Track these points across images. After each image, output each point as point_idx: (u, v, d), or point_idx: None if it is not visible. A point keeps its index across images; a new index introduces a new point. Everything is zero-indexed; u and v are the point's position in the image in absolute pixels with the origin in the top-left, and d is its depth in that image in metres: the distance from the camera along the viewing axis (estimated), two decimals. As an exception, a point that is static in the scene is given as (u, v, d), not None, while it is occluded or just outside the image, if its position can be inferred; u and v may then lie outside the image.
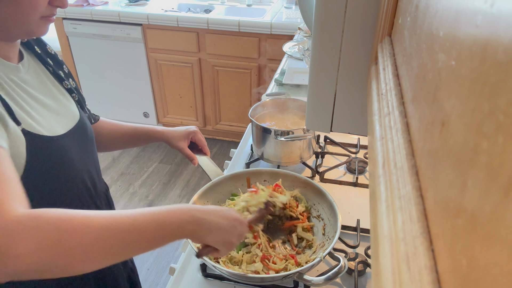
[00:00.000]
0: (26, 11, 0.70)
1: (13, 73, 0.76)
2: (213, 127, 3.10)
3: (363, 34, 0.56)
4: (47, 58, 0.88)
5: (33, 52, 0.86)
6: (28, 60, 0.83)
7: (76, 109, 0.90)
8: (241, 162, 1.34)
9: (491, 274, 0.13)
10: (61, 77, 0.89)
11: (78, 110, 0.90)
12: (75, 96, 0.92)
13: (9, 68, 0.76)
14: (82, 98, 0.96)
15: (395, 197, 0.26)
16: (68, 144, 0.81)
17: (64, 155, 0.80)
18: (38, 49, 0.86)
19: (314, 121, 0.66)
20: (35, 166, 0.73)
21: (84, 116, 0.92)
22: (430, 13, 0.27)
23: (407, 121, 0.31)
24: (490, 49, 0.15)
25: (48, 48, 0.90)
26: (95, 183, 0.92)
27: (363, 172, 1.28)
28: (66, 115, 0.85)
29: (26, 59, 0.82)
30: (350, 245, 0.99)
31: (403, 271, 0.21)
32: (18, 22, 0.71)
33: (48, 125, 0.78)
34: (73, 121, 0.86)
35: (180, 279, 0.94)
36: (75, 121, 0.87)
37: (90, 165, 0.91)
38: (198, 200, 1.03)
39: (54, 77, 0.88)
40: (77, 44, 2.94)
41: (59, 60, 0.91)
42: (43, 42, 0.89)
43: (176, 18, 2.66)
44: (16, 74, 0.77)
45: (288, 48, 2.16)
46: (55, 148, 0.77)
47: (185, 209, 0.66)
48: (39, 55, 0.86)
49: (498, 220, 0.13)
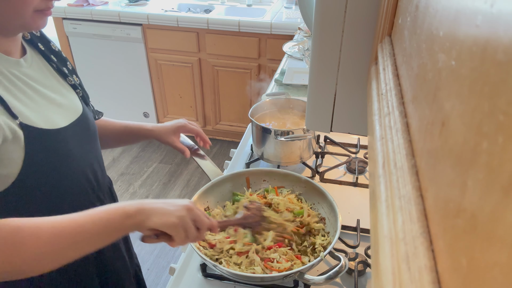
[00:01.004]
0: (18, 5, 0.70)
1: (14, 68, 0.77)
2: (213, 127, 3.10)
3: (363, 34, 0.56)
4: (50, 54, 0.89)
5: (37, 49, 0.87)
6: (32, 56, 0.84)
7: (79, 104, 0.91)
8: (241, 162, 1.34)
9: (491, 274, 0.13)
10: (65, 73, 0.90)
11: (81, 104, 0.91)
12: (79, 92, 0.93)
13: (9, 63, 0.76)
14: (86, 94, 0.97)
15: (395, 197, 0.26)
16: (69, 137, 0.82)
17: (63, 147, 0.81)
18: (41, 46, 0.87)
19: (314, 121, 0.66)
20: (34, 159, 0.74)
21: (87, 111, 0.92)
22: (430, 13, 0.27)
23: (407, 121, 0.31)
24: (490, 49, 0.15)
25: (52, 45, 0.90)
26: (97, 177, 0.93)
27: (363, 172, 1.28)
28: (68, 108, 0.86)
29: (29, 54, 0.83)
30: (350, 245, 0.99)
31: (403, 271, 0.21)
32: (11, 16, 0.71)
33: (49, 118, 0.79)
34: (75, 115, 0.87)
35: (180, 279, 0.94)
36: (78, 115, 0.88)
37: (92, 159, 0.91)
38: (198, 200, 1.03)
39: (57, 73, 0.89)
40: (77, 44, 2.94)
41: (63, 57, 0.92)
42: (46, 39, 0.90)
43: (176, 18, 2.66)
44: (17, 68, 0.78)
45: (288, 48, 2.16)
46: (54, 141, 0.79)
47: (132, 203, 0.70)
48: (42, 52, 0.87)
49: (498, 220, 0.13)
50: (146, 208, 0.69)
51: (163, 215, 0.69)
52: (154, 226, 0.69)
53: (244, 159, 1.35)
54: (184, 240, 0.72)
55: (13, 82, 0.75)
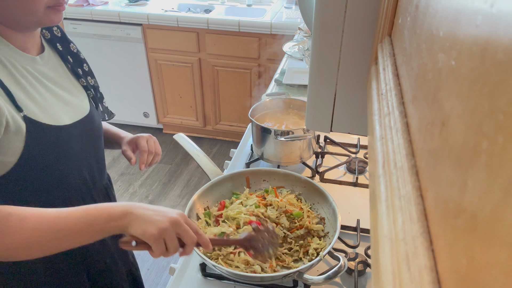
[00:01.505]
0: (29, 2, 0.73)
1: (28, 64, 0.80)
2: (213, 127, 3.10)
3: (363, 34, 0.56)
4: (67, 55, 0.92)
5: (55, 48, 0.90)
6: (49, 54, 0.87)
7: (87, 104, 0.93)
8: (241, 162, 1.34)
9: (491, 274, 0.13)
10: (79, 74, 0.93)
11: (90, 105, 0.93)
12: (90, 93, 0.95)
13: (24, 58, 0.79)
14: (101, 96, 1.00)
15: (395, 197, 0.26)
16: (71, 134, 0.84)
17: (63, 144, 0.83)
18: (60, 46, 0.91)
19: (314, 121, 0.66)
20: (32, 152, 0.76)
21: (94, 112, 0.95)
22: (430, 13, 0.27)
23: (407, 121, 0.31)
24: (490, 49, 0.15)
25: (71, 46, 0.94)
26: (94, 177, 0.94)
27: (363, 172, 1.28)
28: (75, 107, 0.88)
29: (47, 53, 0.87)
30: (350, 245, 0.99)
31: (403, 271, 0.21)
32: (24, 13, 0.74)
33: (54, 115, 0.81)
34: (81, 114, 0.89)
35: (180, 279, 0.94)
36: (83, 114, 0.90)
37: (91, 158, 0.93)
38: (198, 200, 1.03)
39: (72, 73, 0.92)
40: (77, 44, 2.91)
41: (80, 59, 0.96)
42: (67, 40, 0.93)
43: (176, 18, 2.66)
44: (31, 64, 0.81)
45: (288, 48, 2.16)
46: (55, 137, 0.81)
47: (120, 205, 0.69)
48: (60, 52, 0.91)
49: (498, 220, 0.13)
50: (132, 213, 0.68)
51: (144, 224, 0.67)
52: (134, 234, 0.68)
53: (244, 159, 1.35)
54: (164, 253, 0.69)
55: (25, 77, 0.78)
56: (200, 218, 1.01)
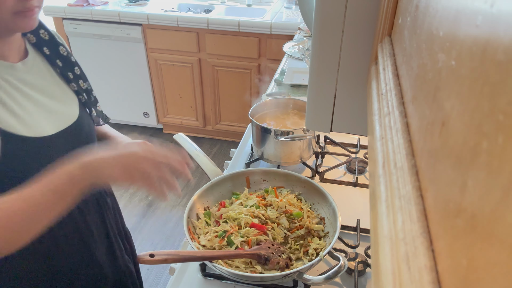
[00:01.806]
0: None
1: (5, 72, 0.76)
2: (213, 127, 3.10)
3: (363, 34, 0.56)
4: (56, 59, 0.87)
5: (42, 53, 0.86)
6: (34, 59, 0.83)
7: (76, 110, 0.89)
8: (241, 162, 1.34)
9: (491, 274, 0.13)
10: (69, 78, 0.89)
11: (79, 111, 0.90)
12: (82, 98, 0.91)
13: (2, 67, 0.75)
14: (94, 99, 0.95)
15: (395, 197, 0.26)
16: (54, 144, 0.81)
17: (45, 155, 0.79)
18: (47, 50, 0.86)
19: (314, 121, 0.66)
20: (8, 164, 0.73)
21: (84, 118, 0.91)
22: (430, 13, 0.27)
23: (407, 121, 0.31)
24: (490, 49, 0.15)
25: (60, 49, 0.89)
26: None
27: (363, 172, 1.28)
28: (62, 115, 0.85)
29: (31, 58, 0.82)
30: (350, 245, 0.99)
31: (403, 271, 0.21)
32: None
33: (35, 125, 0.78)
34: (68, 122, 0.86)
35: (180, 279, 0.94)
36: (71, 122, 0.86)
37: None
38: (198, 200, 1.03)
39: (61, 78, 0.88)
40: (77, 44, 2.94)
41: (71, 62, 0.91)
42: (55, 43, 0.89)
43: (176, 18, 2.66)
44: (11, 72, 0.77)
45: (288, 48, 2.16)
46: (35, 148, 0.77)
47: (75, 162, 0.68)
48: (47, 56, 0.86)
49: (498, 220, 0.13)
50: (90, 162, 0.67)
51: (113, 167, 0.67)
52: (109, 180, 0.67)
53: (244, 159, 1.35)
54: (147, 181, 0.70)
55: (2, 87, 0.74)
56: (200, 218, 1.01)
